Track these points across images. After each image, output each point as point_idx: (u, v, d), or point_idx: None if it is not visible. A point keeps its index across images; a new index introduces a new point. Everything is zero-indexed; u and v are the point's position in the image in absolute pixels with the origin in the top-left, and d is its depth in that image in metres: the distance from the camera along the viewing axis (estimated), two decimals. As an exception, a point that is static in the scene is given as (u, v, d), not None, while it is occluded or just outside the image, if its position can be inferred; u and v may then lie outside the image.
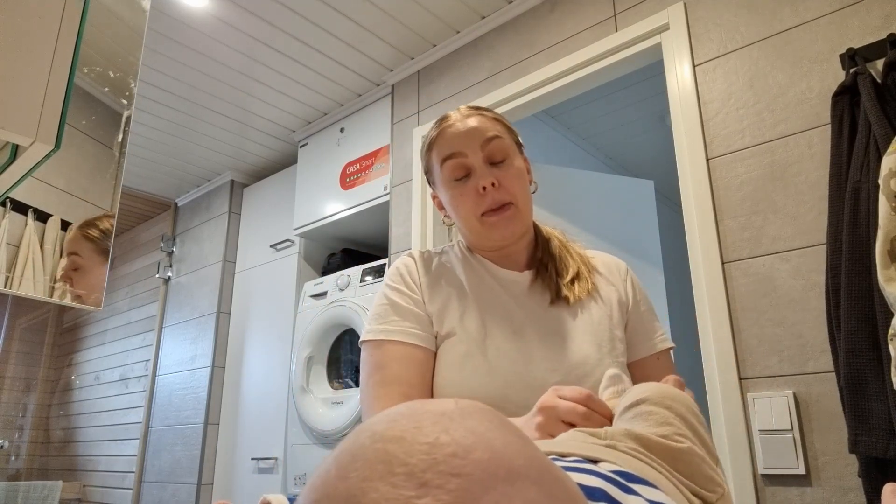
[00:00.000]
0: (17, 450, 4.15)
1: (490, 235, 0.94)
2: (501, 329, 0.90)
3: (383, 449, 0.27)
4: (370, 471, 0.27)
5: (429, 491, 0.25)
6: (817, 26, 1.56)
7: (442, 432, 0.28)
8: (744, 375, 1.51)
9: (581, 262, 1.00)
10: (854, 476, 1.32)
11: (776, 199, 1.55)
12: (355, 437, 0.30)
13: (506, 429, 0.30)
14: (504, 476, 0.27)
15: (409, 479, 0.26)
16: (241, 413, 3.01)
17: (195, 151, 3.30)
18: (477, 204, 0.92)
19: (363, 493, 0.26)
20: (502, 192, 0.91)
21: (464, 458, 0.27)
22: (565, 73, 2.06)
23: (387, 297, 0.95)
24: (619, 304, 0.97)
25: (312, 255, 3.05)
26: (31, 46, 0.70)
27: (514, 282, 0.96)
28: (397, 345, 0.89)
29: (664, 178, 3.08)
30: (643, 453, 0.51)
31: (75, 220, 0.91)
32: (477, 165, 0.92)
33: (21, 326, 4.46)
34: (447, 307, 0.93)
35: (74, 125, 0.85)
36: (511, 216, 0.92)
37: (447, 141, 0.94)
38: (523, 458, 0.28)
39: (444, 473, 0.26)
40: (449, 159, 0.93)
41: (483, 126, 0.94)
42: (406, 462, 0.26)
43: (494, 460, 0.27)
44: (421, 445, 0.27)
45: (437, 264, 0.99)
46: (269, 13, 2.27)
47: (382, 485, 0.26)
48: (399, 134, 2.58)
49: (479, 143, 0.92)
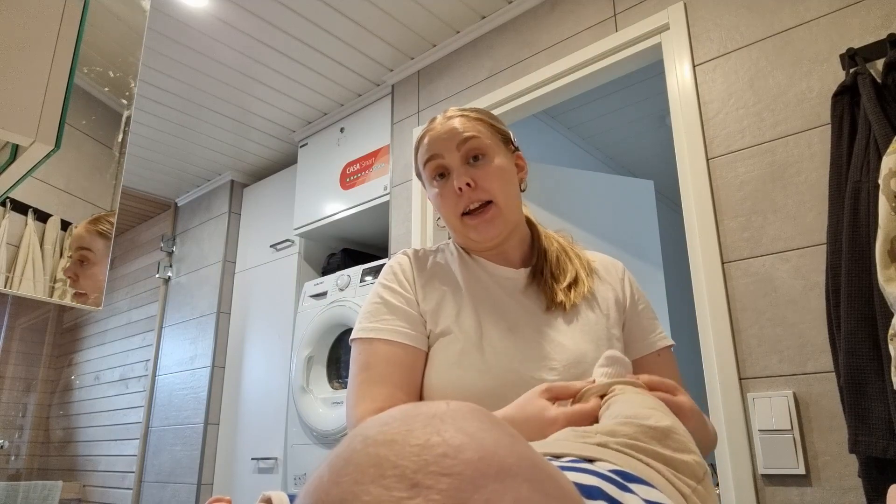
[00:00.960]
0: (17, 450, 4.15)
1: (470, 236, 0.94)
2: (497, 327, 0.90)
3: (375, 453, 0.28)
4: (362, 474, 0.27)
5: (420, 492, 0.26)
6: (817, 26, 1.56)
7: (433, 434, 0.28)
8: (744, 375, 1.51)
9: (580, 265, 0.99)
10: (854, 476, 1.32)
11: (776, 199, 1.55)
12: (348, 443, 0.30)
13: (497, 428, 0.30)
14: (495, 474, 0.27)
15: (400, 480, 0.26)
16: (241, 413, 3.01)
17: (195, 151, 3.30)
18: (456, 204, 0.93)
19: (355, 496, 0.26)
20: (479, 192, 0.92)
21: (454, 457, 0.27)
22: (565, 73, 2.06)
23: (379, 295, 0.94)
24: (616, 303, 0.97)
25: (312, 255, 3.05)
26: (31, 46, 0.70)
27: (509, 279, 0.96)
28: (386, 344, 0.89)
29: (664, 178, 3.08)
30: (634, 448, 0.51)
31: (75, 220, 0.91)
32: (454, 166, 0.93)
33: (21, 326, 4.45)
34: (442, 305, 0.93)
35: (74, 125, 0.85)
36: (491, 217, 0.92)
37: (429, 143, 0.96)
38: (514, 457, 0.28)
39: (434, 474, 0.26)
40: (429, 161, 0.95)
41: (462, 126, 0.94)
42: (397, 464, 0.27)
43: (485, 459, 0.27)
44: (412, 447, 0.27)
45: (432, 262, 0.99)
46: (269, 13, 2.27)
47: (374, 487, 0.26)
48: (399, 134, 2.58)
49: (456, 143, 0.93)
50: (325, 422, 2.44)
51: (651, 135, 3.21)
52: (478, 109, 1.01)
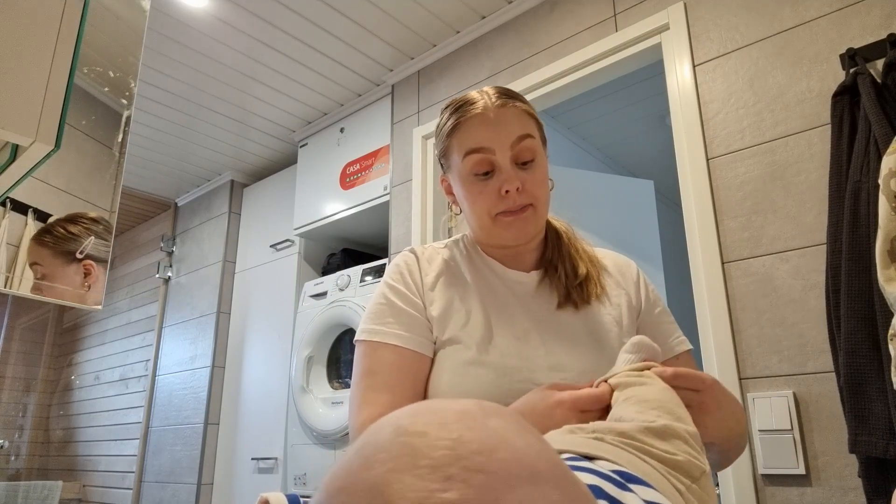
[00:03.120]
0: (17, 450, 4.15)
1: (502, 235, 0.89)
2: (506, 336, 0.86)
3: (408, 442, 0.28)
4: (394, 462, 0.27)
5: (453, 485, 0.26)
6: (817, 26, 1.56)
7: (466, 430, 0.29)
8: (744, 375, 1.51)
9: (590, 261, 0.95)
10: (854, 476, 1.32)
11: (776, 199, 1.55)
12: (377, 431, 0.30)
13: (527, 431, 0.31)
14: (527, 477, 0.27)
15: (433, 471, 0.26)
16: (241, 413, 3.01)
17: (195, 151, 3.30)
18: (495, 205, 0.86)
19: (388, 483, 0.26)
20: (524, 196, 0.86)
21: (488, 455, 0.27)
22: (565, 73, 2.06)
23: (385, 296, 0.91)
24: (629, 308, 0.93)
25: (312, 255, 3.05)
26: (31, 46, 0.70)
27: (520, 283, 0.92)
28: (392, 349, 0.86)
29: (664, 178, 3.08)
30: (631, 445, 0.52)
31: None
32: (504, 165, 0.85)
33: (21, 326, 4.46)
34: (450, 311, 0.89)
35: (74, 125, 0.85)
36: (528, 217, 0.87)
37: (474, 130, 0.86)
38: (545, 461, 0.29)
39: (468, 469, 0.27)
40: (474, 153, 0.86)
41: (517, 121, 0.87)
42: (430, 455, 0.27)
43: (517, 461, 0.28)
44: (445, 441, 0.28)
45: (441, 262, 0.95)
46: (269, 13, 2.27)
47: (407, 476, 0.26)
48: (399, 134, 2.58)
49: (510, 141, 0.85)
50: (325, 422, 2.44)
51: (651, 135, 3.21)
52: (521, 96, 0.91)
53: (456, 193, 0.93)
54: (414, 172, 2.44)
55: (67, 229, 0.90)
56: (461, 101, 0.90)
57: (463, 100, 0.90)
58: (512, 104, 0.88)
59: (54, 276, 0.88)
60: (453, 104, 0.91)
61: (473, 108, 0.87)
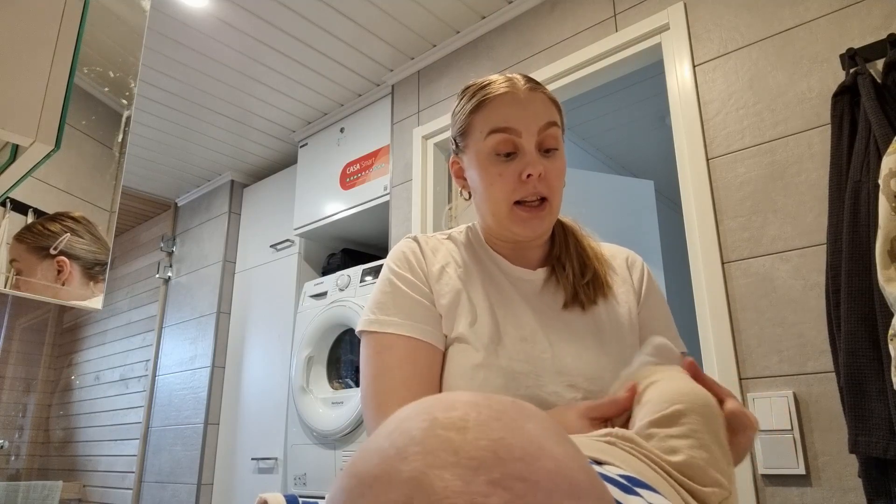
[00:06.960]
0: (17, 450, 4.15)
1: (514, 228, 0.84)
2: (512, 336, 0.83)
3: (447, 437, 0.27)
4: (434, 457, 0.26)
5: (496, 490, 0.25)
6: (817, 26, 1.56)
7: (507, 432, 0.28)
8: (744, 375, 1.51)
9: (597, 259, 0.92)
10: (854, 476, 1.32)
11: (776, 199, 1.55)
12: (408, 420, 0.29)
13: (564, 438, 0.30)
14: (567, 490, 0.27)
15: (476, 473, 0.26)
16: (241, 413, 3.01)
17: (195, 151, 3.30)
18: (514, 190, 0.82)
19: (429, 479, 0.26)
20: (544, 186, 0.82)
21: (531, 464, 0.27)
22: (565, 73, 2.06)
23: (392, 283, 0.84)
24: (635, 307, 0.91)
25: (312, 255, 3.05)
26: (31, 46, 0.70)
27: (525, 281, 0.88)
28: (404, 341, 0.80)
29: (664, 178, 3.07)
30: (639, 450, 0.52)
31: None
32: (528, 149, 0.82)
33: (21, 326, 4.46)
34: (456, 307, 0.84)
35: (74, 125, 0.85)
36: (544, 215, 0.84)
37: (504, 109, 0.82)
38: (584, 475, 0.29)
39: (510, 476, 0.26)
40: (499, 132, 0.82)
41: (545, 108, 0.84)
42: (473, 456, 0.26)
43: (559, 472, 0.27)
44: (487, 442, 0.27)
45: (445, 253, 0.90)
46: (269, 13, 2.27)
47: (449, 474, 0.26)
48: (399, 134, 2.58)
49: (539, 126, 0.82)
50: (325, 422, 2.44)
51: (651, 135, 3.21)
52: (544, 87, 0.89)
53: (469, 177, 0.88)
54: (414, 173, 2.44)
55: (46, 227, 0.90)
56: (486, 81, 0.86)
57: (488, 80, 0.86)
58: (541, 90, 0.85)
59: (28, 272, 0.88)
60: (476, 84, 0.87)
61: (502, 86, 0.84)
